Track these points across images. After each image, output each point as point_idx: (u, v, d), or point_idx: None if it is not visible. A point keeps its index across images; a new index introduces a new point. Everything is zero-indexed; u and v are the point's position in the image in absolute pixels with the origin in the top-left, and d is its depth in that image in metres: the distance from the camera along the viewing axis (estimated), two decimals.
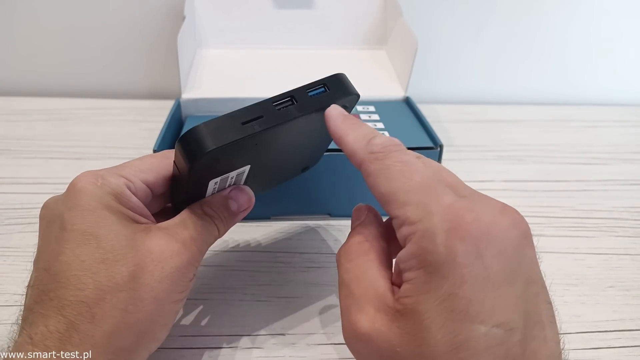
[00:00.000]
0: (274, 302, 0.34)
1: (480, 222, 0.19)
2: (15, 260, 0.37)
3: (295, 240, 0.39)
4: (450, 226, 0.19)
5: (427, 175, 0.22)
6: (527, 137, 0.57)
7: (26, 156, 0.50)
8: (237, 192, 0.29)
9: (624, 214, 0.44)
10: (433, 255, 0.19)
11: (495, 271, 0.19)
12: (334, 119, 0.25)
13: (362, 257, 0.23)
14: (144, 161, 0.27)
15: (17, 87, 0.63)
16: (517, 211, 0.21)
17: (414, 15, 0.56)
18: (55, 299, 0.22)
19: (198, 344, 0.31)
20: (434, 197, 0.21)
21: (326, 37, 0.58)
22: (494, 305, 0.19)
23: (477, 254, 0.19)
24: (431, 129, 0.42)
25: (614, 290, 0.36)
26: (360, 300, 0.22)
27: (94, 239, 0.23)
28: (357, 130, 0.24)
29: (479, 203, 0.21)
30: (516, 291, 0.19)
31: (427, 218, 0.20)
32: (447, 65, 0.65)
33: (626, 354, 0.31)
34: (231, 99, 0.48)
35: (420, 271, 0.20)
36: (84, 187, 0.24)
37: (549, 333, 0.20)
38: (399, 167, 0.22)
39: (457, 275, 0.19)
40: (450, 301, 0.19)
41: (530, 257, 0.20)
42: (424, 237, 0.20)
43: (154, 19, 0.59)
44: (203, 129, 0.23)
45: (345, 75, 0.27)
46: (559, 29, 0.63)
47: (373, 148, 0.23)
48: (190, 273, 0.25)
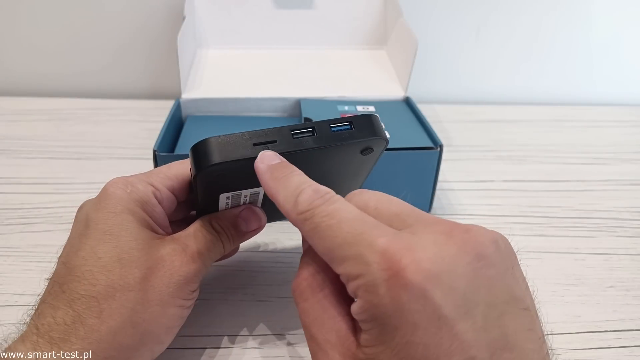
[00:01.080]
0: (274, 302, 0.34)
1: (421, 261, 0.18)
2: (16, 260, 0.37)
3: (296, 240, 0.39)
4: (390, 274, 0.18)
5: (356, 220, 0.20)
6: (527, 137, 0.57)
7: (26, 156, 0.50)
8: (249, 213, 0.29)
9: (624, 214, 0.44)
10: (379, 308, 0.19)
11: (448, 310, 0.18)
12: (263, 173, 0.23)
13: (318, 295, 0.22)
14: (170, 168, 0.28)
15: (17, 87, 0.63)
16: (466, 229, 0.20)
17: (414, 15, 0.56)
18: (67, 291, 0.23)
19: (198, 344, 0.31)
20: (368, 245, 0.19)
21: (326, 37, 0.58)
22: (452, 345, 0.18)
23: (424, 297, 0.18)
24: (431, 129, 0.42)
25: (614, 290, 0.36)
26: (324, 346, 0.21)
27: (114, 238, 0.24)
28: (286, 185, 0.23)
29: (421, 234, 0.20)
30: (475, 322, 0.18)
31: (366, 270, 0.19)
32: (447, 65, 0.65)
33: (626, 354, 0.31)
34: (231, 99, 0.48)
35: (372, 323, 0.19)
36: (114, 192, 0.26)
37: (525, 347, 0.19)
38: (326, 222, 0.21)
39: (408, 323, 0.18)
40: (407, 350, 0.18)
41: (488, 278, 0.19)
42: (368, 291, 0.19)
43: (154, 19, 0.59)
44: (214, 141, 0.24)
45: (377, 117, 0.26)
46: (559, 29, 0.63)
47: (299, 207, 0.22)
48: (194, 284, 0.27)
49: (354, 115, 0.26)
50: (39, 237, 0.39)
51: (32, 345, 0.22)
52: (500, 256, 0.20)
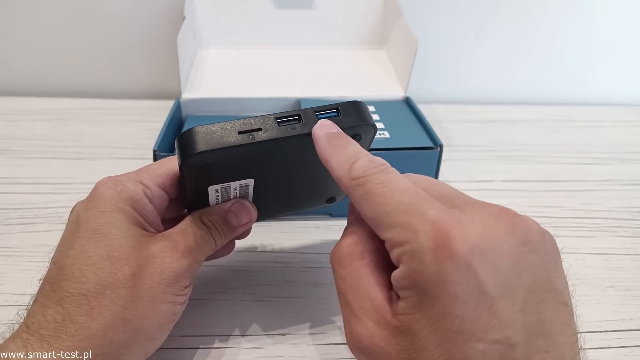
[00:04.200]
0: (274, 302, 0.34)
1: (469, 235, 0.19)
2: (16, 260, 0.37)
3: (296, 240, 0.39)
4: (438, 244, 0.19)
5: (409, 191, 0.21)
6: (527, 137, 0.57)
7: (26, 156, 0.50)
8: (239, 207, 0.29)
9: (624, 214, 0.44)
10: (423, 275, 0.19)
11: (490, 286, 0.18)
12: (320, 140, 0.24)
13: (356, 263, 0.23)
14: (160, 165, 0.28)
15: (17, 87, 0.63)
16: (515, 214, 0.20)
17: (414, 15, 0.56)
18: (57, 290, 0.23)
19: (198, 344, 0.31)
20: (419, 214, 0.20)
21: (326, 37, 0.58)
22: (490, 322, 0.18)
23: (468, 270, 0.18)
24: (431, 129, 0.42)
25: (614, 290, 0.36)
26: (358, 313, 0.22)
27: (104, 237, 0.24)
28: (341, 153, 0.23)
29: (470, 212, 0.20)
30: (514, 304, 0.18)
31: (413, 238, 0.20)
32: (447, 66, 0.65)
33: (626, 354, 0.31)
34: (231, 99, 0.48)
35: (413, 291, 0.20)
36: (103, 191, 0.26)
37: (559, 339, 0.19)
38: (379, 189, 0.21)
39: (449, 294, 0.18)
40: (444, 320, 0.18)
41: (532, 264, 0.19)
42: (413, 258, 0.19)
43: (154, 19, 0.59)
44: (198, 131, 0.24)
45: (363, 104, 0.26)
46: (559, 28, 0.63)
47: (354, 174, 0.22)
48: (187, 280, 0.26)
49: (340, 102, 0.26)
50: (38, 237, 0.39)
51: (23, 343, 0.22)
52: (544, 247, 0.20)
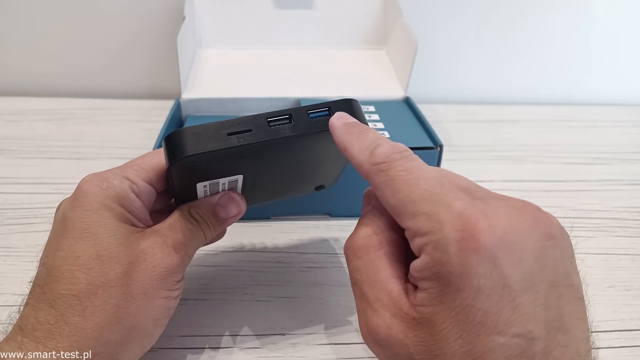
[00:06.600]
0: (274, 302, 0.34)
1: (495, 228, 0.19)
2: (15, 260, 0.37)
3: (295, 240, 0.40)
4: (463, 236, 0.19)
5: (435, 180, 0.21)
6: (527, 137, 0.57)
7: (26, 156, 0.50)
8: (227, 199, 0.28)
9: (624, 214, 0.44)
10: (446, 267, 0.19)
11: (513, 280, 0.18)
12: (338, 129, 0.24)
13: (372, 254, 0.22)
14: (145, 159, 0.28)
15: (17, 87, 0.63)
16: (538, 208, 0.20)
17: (414, 15, 0.56)
18: (48, 292, 0.23)
19: (198, 344, 0.31)
20: (444, 205, 0.20)
21: (326, 37, 0.58)
22: (512, 316, 0.18)
23: (493, 264, 0.18)
24: (431, 129, 0.42)
25: (614, 290, 0.36)
26: (375, 304, 0.21)
27: (92, 236, 0.24)
28: (361, 139, 0.23)
29: (494, 206, 0.20)
30: (537, 299, 0.18)
31: (438, 228, 0.19)
32: (447, 66, 0.65)
33: (626, 354, 0.31)
34: (231, 99, 0.48)
35: (434, 282, 0.19)
36: (88, 189, 0.26)
37: (576, 334, 0.19)
38: (404, 177, 0.21)
39: (472, 287, 0.18)
40: (467, 313, 0.18)
41: (554, 258, 0.19)
42: (437, 249, 0.19)
43: (154, 19, 0.59)
44: (187, 132, 0.23)
45: (356, 101, 0.26)
46: (558, 28, 0.63)
47: (376, 159, 0.22)
48: (179, 274, 0.26)
49: (332, 101, 0.25)
50: (38, 237, 0.39)
51: (17, 345, 0.22)
52: (564, 242, 0.20)
